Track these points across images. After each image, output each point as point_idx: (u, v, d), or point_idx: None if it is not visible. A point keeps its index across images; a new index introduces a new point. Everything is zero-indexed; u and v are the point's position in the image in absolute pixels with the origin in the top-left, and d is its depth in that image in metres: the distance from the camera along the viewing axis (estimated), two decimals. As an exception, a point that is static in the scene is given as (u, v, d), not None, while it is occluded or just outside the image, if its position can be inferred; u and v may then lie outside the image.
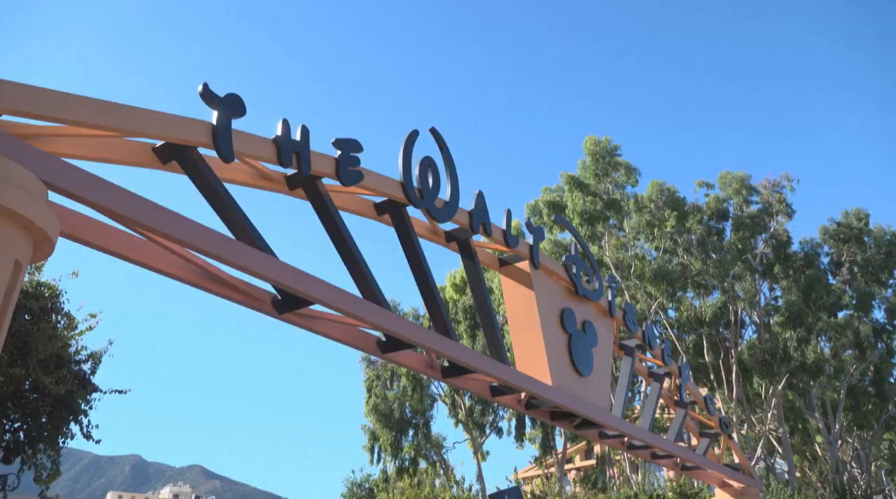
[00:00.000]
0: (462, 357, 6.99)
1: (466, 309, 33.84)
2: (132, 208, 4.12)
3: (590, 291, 9.68)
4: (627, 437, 11.24)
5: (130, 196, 4.13)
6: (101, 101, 4.05)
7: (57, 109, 3.82)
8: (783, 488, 27.38)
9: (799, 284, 29.05)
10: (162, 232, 4.35)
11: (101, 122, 4.04)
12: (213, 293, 5.35)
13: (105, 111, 4.05)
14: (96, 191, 3.95)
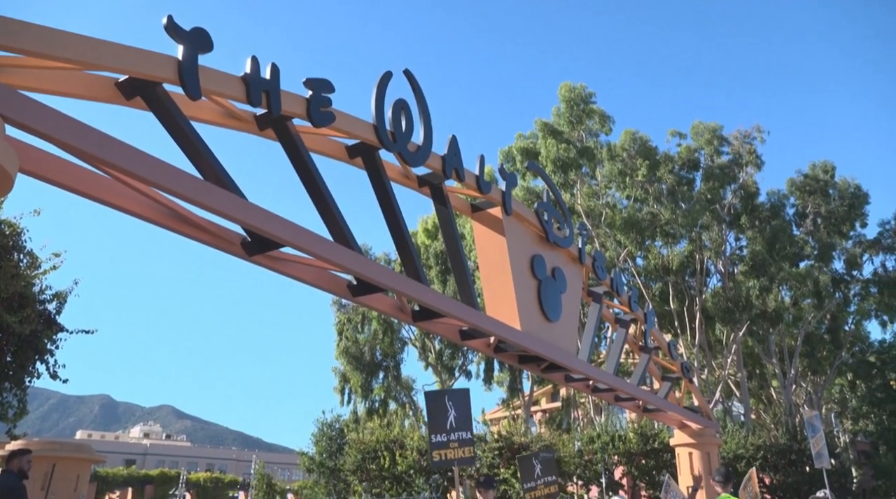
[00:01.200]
0: (433, 302, 7.05)
1: (438, 254, 33.97)
2: (95, 145, 4.00)
3: (560, 238, 9.75)
4: (592, 380, 11.54)
5: (93, 132, 4.00)
6: (60, 31, 3.87)
7: (13, 39, 3.64)
8: (738, 429, 28.54)
9: (764, 235, 29.64)
10: (127, 171, 4.24)
11: (60, 53, 3.86)
12: (181, 234, 5.27)
13: (64, 42, 3.88)
14: (56, 125, 3.82)
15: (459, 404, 7.51)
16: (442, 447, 7.12)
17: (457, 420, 7.10)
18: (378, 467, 25.67)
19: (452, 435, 7.14)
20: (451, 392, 8.10)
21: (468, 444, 7.28)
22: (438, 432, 7.21)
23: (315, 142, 6.12)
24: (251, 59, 5.01)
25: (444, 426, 7.13)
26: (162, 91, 4.58)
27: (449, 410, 7.26)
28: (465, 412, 7.47)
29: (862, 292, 32.89)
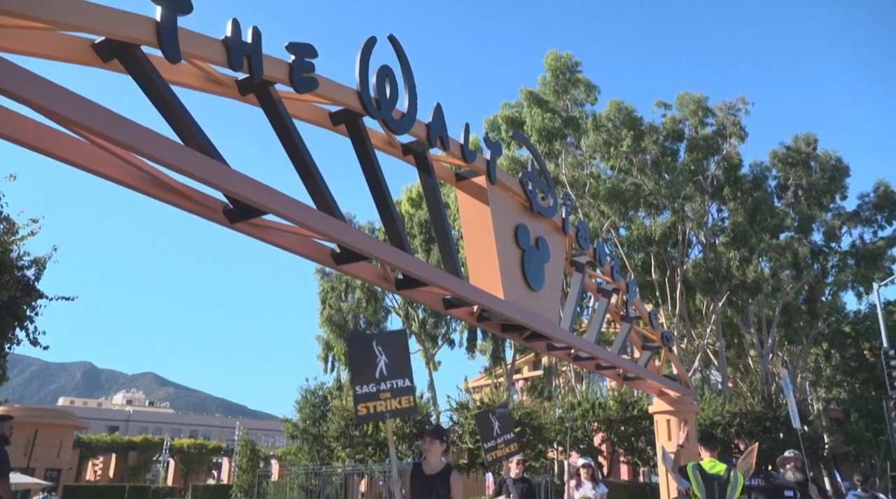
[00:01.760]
0: (416, 270, 7.05)
1: (422, 223, 33.93)
2: (71, 108, 3.91)
3: (544, 207, 9.76)
4: (574, 349, 11.66)
5: (69, 94, 3.91)
6: (33, -10, 3.75)
7: (-16, -3, 3.53)
8: (716, 397, 29.12)
9: (745, 207, 29.89)
10: (105, 135, 4.16)
11: (33, 12, 3.75)
12: (161, 200, 5.20)
13: (38, 0, 3.76)
14: (30, 87, 3.73)
15: (392, 349, 6.20)
16: (369, 399, 5.93)
17: (389, 367, 5.96)
18: (361, 434, 25.95)
19: (384, 384, 5.96)
20: (381, 336, 6.62)
21: (405, 393, 6.05)
22: (364, 381, 5.98)
23: (298, 108, 6.03)
24: (232, 22, 4.90)
25: (371, 375, 5.97)
26: (140, 54, 4.48)
27: (378, 356, 6.05)
28: (401, 358, 6.21)
29: (839, 264, 33.38)
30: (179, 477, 49.58)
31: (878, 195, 33.19)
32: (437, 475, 5.40)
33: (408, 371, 6.17)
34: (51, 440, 34.49)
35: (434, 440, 5.52)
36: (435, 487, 5.29)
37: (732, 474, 5.49)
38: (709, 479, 5.43)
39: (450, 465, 5.47)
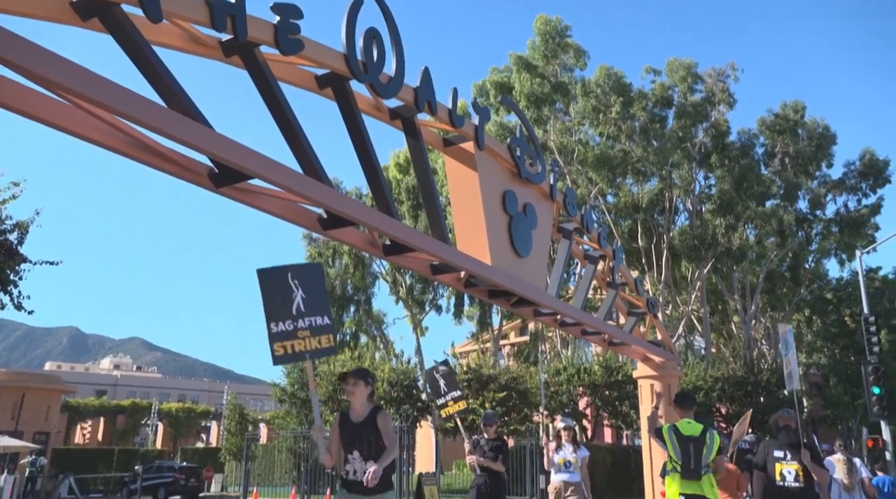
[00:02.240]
0: (404, 236, 7.04)
1: (410, 189, 33.80)
2: (51, 68, 3.82)
3: (532, 174, 9.73)
4: (560, 315, 11.76)
5: (48, 54, 3.82)
6: (8, -56, 3.63)
7: (-44, -48, 3.41)
8: (699, 362, 29.60)
9: (732, 174, 29.99)
10: (86, 97, 4.07)
11: (9, -31, 3.64)
12: (145, 164, 5.13)
13: (13, -43, 3.65)
14: (8, 47, 3.63)
15: (309, 283, 5.46)
16: (286, 338, 5.24)
17: (307, 303, 5.28)
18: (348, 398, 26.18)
19: (301, 322, 5.27)
20: (296, 268, 5.71)
21: (325, 332, 5.39)
22: (280, 319, 5.28)
23: (284, 71, 5.93)
24: (215, -19, 4.78)
25: (287, 311, 5.26)
26: (120, 12, 4.36)
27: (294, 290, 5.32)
28: (318, 293, 5.48)
29: (823, 232, 33.71)
30: (168, 440, 49.97)
31: (863, 163, 33.38)
32: (365, 422, 4.97)
33: (326, 308, 5.51)
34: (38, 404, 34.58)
35: (358, 382, 5.02)
36: (364, 434, 4.87)
37: (708, 434, 5.41)
38: (684, 440, 5.37)
39: (377, 407, 5.00)
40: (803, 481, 5.31)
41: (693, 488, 5.30)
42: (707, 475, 5.32)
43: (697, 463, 5.31)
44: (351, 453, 4.85)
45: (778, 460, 5.46)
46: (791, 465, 5.36)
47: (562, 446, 7.59)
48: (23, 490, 25.81)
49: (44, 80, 3.97)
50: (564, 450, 7.54)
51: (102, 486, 32.09)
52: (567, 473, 7.34)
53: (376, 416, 4.91)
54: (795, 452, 5.41)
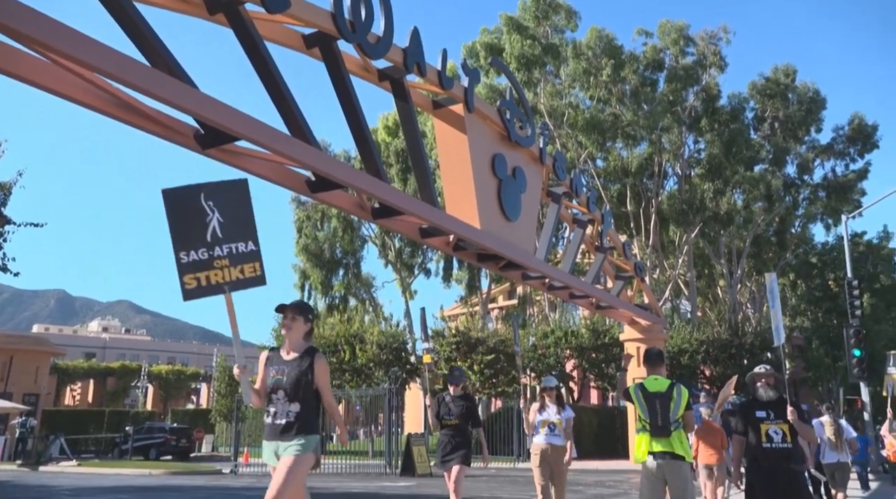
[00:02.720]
0: (393, 199, 7.02)
1: (399, 152, 33.54)
2: (30, 25, 3.73)
3: (522, 137, 9.68)
4: (549, 278, 11.82)
5: (26, 11, 3.72)
6: None
7: None
8: (685, 325, 29.98)
9: (722, 138, 29.94)
10: (69, 55, 3.98)
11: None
12: (129, 124, 5.05)
13: None
14: (-14, 3, 3.53)
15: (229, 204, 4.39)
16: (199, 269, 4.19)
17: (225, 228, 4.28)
18: (338, 361, 26.39)
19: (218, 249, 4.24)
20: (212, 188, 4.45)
21: (249, 259, 4.37)
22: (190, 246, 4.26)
23: (270, 30, 5.82)
24: (198, -65, 4.65)
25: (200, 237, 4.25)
26: (101, -32, 4.25)
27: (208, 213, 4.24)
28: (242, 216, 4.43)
29: (810, 196, 33.88)
30: (158, 402, 50.29)
31: (852, 128, 33.40)
32: (297, 361, 4.27)
33: (250, 232, 4.42)
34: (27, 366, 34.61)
35: (297, 317, 4.33)
36: (293, 373, 4.21)
37: (676, 390, 5.12)
38: (650, 397, 5.12)
39: (314, 348, 4.38)
40: (791, 441, 5.01)
41: (663, 445, 5.02)
42: (677, 432, 5.06)
43: (665, 419, 5.04)
44: (276, 393, 4.21)
45: (762, 420, 5.12)
46: (777, 424, 5.06)
47: (545, 406, 7.10)
48: (14, 450, 25.99)
49: (22, 36, 3.88)
50: (548, 411, 7.06)
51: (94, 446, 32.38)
52: (551, 435, 6.92)
53: (312, 357, 4.27)
54: (779, 411, 5.09)
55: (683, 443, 5.05)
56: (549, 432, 6.92)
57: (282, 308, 4.41)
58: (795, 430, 5.01)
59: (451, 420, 6.79)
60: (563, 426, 6.96)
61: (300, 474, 4.08)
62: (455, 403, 6.85)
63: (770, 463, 4.99)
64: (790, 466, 4.95)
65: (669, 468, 4.97)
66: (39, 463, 22.63)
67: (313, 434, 4.21)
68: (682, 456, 5.03)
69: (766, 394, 5.21)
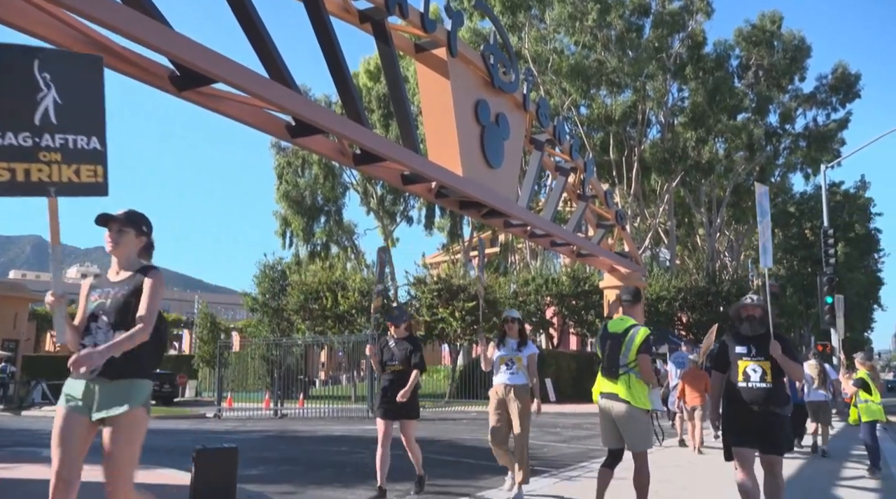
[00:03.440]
0: (374, 145, 6.93)
1: (380, 97, 33.02)
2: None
3: (506, 83, 9.54)
4: (531, 226, 11.85)
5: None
6: None
7: None
8: (664, 273, 30.39)
9: (706, 86, 29.79)
10: (33, -10, 3.81)
11: None
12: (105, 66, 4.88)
13: None
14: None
15: (74, 82, 3.18)
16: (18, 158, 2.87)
17: (61, 112, 3.11)
18: (321, 307, 26.50)
19: (49, 138, 3.08)
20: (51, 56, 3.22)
21: (90, 160, 3.18)
22: (8, 126, 3.03)
23: (246, -34, 5.60)
24: None
25: (25, 116, 3.05)
26: None
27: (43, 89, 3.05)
28: (90, 102, 3.23)
29: (791, 146, 34.05)
30: (141, 348, 50.37)
31: (835, 77, 33.38)
32: (129, 279, 3.37)
33: (98, 125, 3.22)
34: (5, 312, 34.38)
35: (127, 229, 3.42)
36: (118, 296, 3.30)
37: (632, 331, 4.84)
38: (605, 337, 4.98)
39: (150, 266, 3.46)
40: (771, 380, 4.47)
41: (609, 387, 4.84)
42: (626, 376, 4.75)
43: (612, 362, 4.83)
44: (96, 321, 3.29)
45: (741, 356, 4.59)
46: (757, 362, 4.52)
47: (505, 342, 6.13)
48: (-5, 396, 26.07)
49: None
50: (508, 346, 6.09)
51: (76, 392, 32.54)
52: (509, 373, 5.99)
53: (145, 273, 3.34)
54: (762, 346, 4.55)
55: (633, 388, 4.75)
56: (508, 370, 6.02)
57: (105, 219, 3.40)
58: (779, 368, 4.47)
59: (395, 366, 6.05)
60: (524, 364, 6.04)
61: (137, 445, 3.17)
62: (399, 346, 6.10)
63: (746, 404, 4.48)
64: (769, 408, 4.43)
65: (615, 410, 4.82)
66: (22, 408, 22.74)
67: (143, 379, 3.26)
68: (628, 400, 4.75)
69: (750, 327, 4.66)
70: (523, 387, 5.95)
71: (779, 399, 4.48)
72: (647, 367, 4.81)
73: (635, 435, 4.80)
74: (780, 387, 4.52)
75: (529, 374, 6.01)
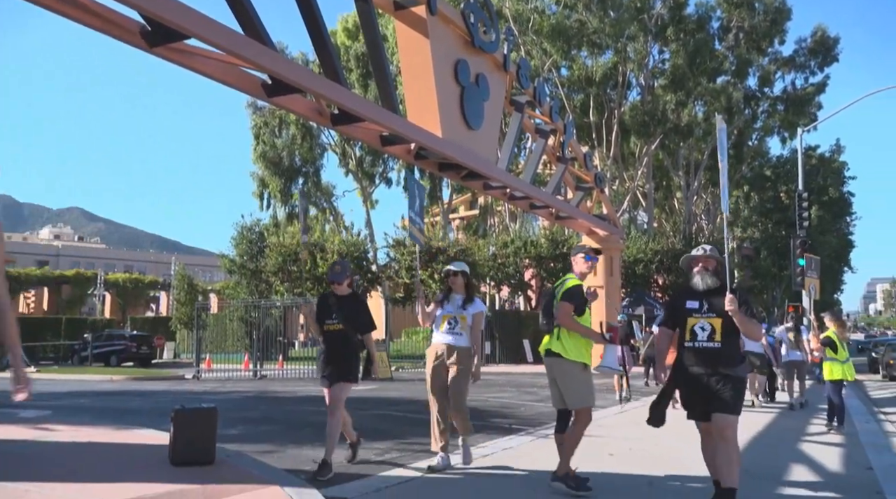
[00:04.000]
0: (352, 105, 6.83)
1: (359, 57, 32.45)
2: None
3: (486, 42, 9.42)
4: (510, 188, 11.84)
5: None
6: None
7: None
8: (641, 236, 30.67)
9: (687, 48, 29.66)
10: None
11: None
12: (69, 18, 4.73)
13: None
14: None
15: None
16: None
17: None
18: (299, 269, 26.41)
19: None
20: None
21: None
22: None
23: (218, -83, 5.41)
24: None
25: None
26: None
27: None
28: None
29: (769, 109, 34.20)
30: (117, 310, 50.00)
31: (814, 40, 33.41)
32: None
33: None
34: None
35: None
36: None
37: (559, 286, 4.70)
38: (544, 294, 4.93)
39: None
40: (720, 339, 3.96)
41: (545, 343, 4.69)
42: (556, 328, 4.58)
43: (546, 315, 4.70)
44: None
45: (691, 312, 4.08)
46: (707, 319, 4.02)
47: (450, 297, 5.38)
48: (-31, 358, 25.78)
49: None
50: (453, 303, 5.35)
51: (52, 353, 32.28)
52: (450, 333, 5.28)
53: None
54: (715, 302, 4.03)
55: (563, 340, 4.56)
56: (450, 328, 5.31)
57: None
58: (733, 326, 3.95)
59: (334, 324, 5.35)
60: (468, 323, 5.30)
61: None
62: (340, 304, 5.37)
63: (691, 366, 4.02)
64: (717, 370, 3.94)
65: (549, 365, 4.69)
66: None
67: None
68: (559, 353, 4.56)
69: (702, 281, 4.13)
70: (465, 349, 5.28)
71: (729, 360, 3.98)
72: (562, 312, 4.55)
73: (569, 391, 4.56)
74: (732, 347, 4.04)
75: (473, 334, 5.32)
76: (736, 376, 3.96)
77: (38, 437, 6.15)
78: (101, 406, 10.53)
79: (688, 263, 4.29)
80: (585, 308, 4.71)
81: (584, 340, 4.62)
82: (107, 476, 4.39)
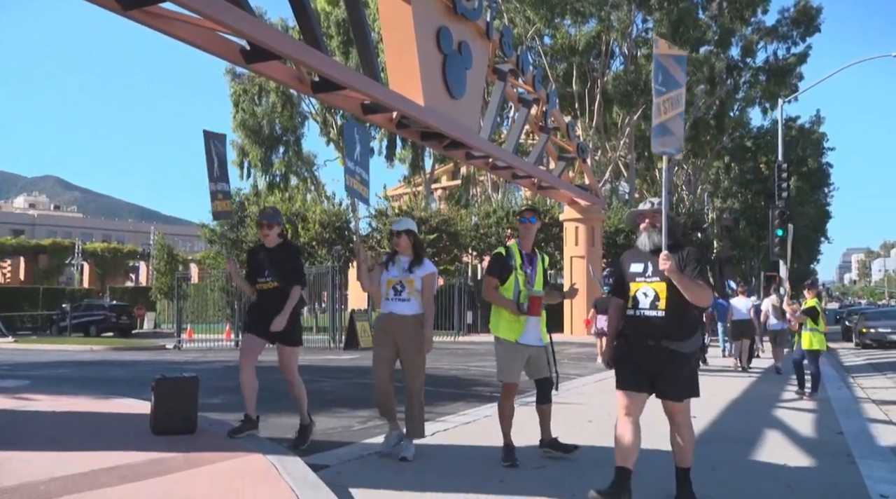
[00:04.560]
0: (333, 72, 6.73)
1: (339, 23, 31.92)
2: None
3: (469, 9, 9.30)
4: (492, 158, 11.81)
5: None
6: None
7: None
8: (622, 206, 30.81)
9: (670, 17, 29.49)
10: None
11: None
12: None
13: None
14: None
15: None
16: None
17: None
18: (280, 239, 26.28)
19: None
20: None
21: None
22: None
23: None
24: None
25: None
26: None
27: None
28: None
29: (751, 80, 34.25)
30: (95, 280, 49.51)
31: (797, 10, 33.37)
32: None
33: None
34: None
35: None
36: None
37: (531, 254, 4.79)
38: None
39: None
40: (665, 307, 3.32)
41: None
42: None
43: None
44: None
45: (635, 276, 3.48)
46: (650, 283, 3.39)
47: (395, 260, 4.59)
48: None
49: None
50: (399, 266, 4.56)
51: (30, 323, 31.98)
52: (398, 300, 4.51)
53: None
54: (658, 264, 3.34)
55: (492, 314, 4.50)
56: (395, 295, 4.55)
57: None
58: (679, 291, 3.27)
59: (267, 283, 4.72)
60: (416, 288, 4.54)
61: None
62: (271, 257, 4.70)
63: (634, 337, 3.43)
64: (660, 342, 3.32)
65: None
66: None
67: None
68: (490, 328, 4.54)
69: (648, 240, 3.51)
70: (414, 317, 4.52)
71: (676, 331, 3.33)
72: (483, 285, 4.50)
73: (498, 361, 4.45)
74: (679, 316, 3.34)
75: (425, 299, 4.56)
76: (683, 351, 3.35)
77: (17, 406, 6.11)
78: (81, 376, 10.48)
79: (633, 220, 3.71)
80: (508, 276, 4.52)
81: (505, 313, 4.36)
82: (88, 445, 4.39)
